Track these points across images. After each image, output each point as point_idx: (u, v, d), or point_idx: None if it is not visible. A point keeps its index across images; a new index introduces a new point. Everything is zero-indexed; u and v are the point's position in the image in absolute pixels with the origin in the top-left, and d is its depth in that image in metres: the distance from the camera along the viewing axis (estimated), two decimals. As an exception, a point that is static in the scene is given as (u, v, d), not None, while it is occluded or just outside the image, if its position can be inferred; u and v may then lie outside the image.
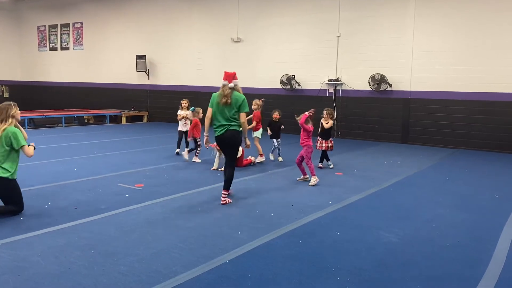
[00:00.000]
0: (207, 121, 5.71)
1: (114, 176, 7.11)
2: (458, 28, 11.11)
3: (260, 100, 8.92)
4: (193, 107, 8.88)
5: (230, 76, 5.59)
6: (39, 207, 5.25)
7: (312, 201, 5.82)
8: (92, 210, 5.18)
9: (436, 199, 6.08)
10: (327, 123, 8.00)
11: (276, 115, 8.65)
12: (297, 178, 7.10)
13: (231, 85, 5.54)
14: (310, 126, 6.87)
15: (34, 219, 4.83)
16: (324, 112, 8.09)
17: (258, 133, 8.67)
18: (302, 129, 6.85)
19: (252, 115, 8.64)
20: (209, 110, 5.63)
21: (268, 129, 8.68)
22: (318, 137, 8.09)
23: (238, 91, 5.58)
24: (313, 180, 6.78)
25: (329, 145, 8.05)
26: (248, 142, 5.87)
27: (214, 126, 5.61)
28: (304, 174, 7.06)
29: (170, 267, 3.63)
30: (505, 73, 10.60)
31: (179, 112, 9.26)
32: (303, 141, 6.88)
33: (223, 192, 5.59)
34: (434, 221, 5.07)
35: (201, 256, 3.87)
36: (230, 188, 5.73)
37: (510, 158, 9.89)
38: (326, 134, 8.05)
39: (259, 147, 8.54)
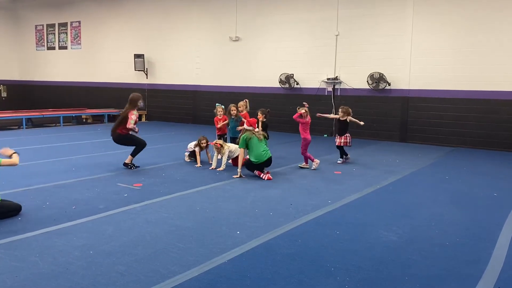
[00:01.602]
0: (241, 160, 7.17)
1: (113, 175, 7.09)
2: (457, 26, 11.10)
3: (244, 101, 8.87)
4: (218, 104, 8.86)
5: (255, 123, 7.42)
6: (37, 207, 5.23)
7: (311, 200, 5.81)
8: (91, 210, 5.16)
9: (435, 198, 6.07)
10: (343, 118, 8.65)
11: (258, 115, 8.14)
12: (299, 165, 8.07)
13: (257, 129, 7.29)
14: (306, 119, 7.92)
15: (32, 219, 4.81)
16: (339, 110, 8.82)
17: None
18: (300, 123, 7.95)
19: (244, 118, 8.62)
20: (241, 150, 7.14)
21: None
22: (336, 134, 8.79)
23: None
24: (314, 164, 7.88)
25: (347, 140, 8.58)
26: None
27: (258, 152, 7.04)
28: (306, 162, 8.02)
29: (169, 267, 3.61)
30: (504, 71, 10.60)
31: (197, 149, 8.15)
32: (301, 134, 7.96)
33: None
34: (433, 220, 5.06)
35: (200, 256, 3.85)
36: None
37: (509, 156, 9.89)
38: (341, 130, 8.63)
39: None
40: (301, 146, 7.98)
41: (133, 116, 7.62)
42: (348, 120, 8.65)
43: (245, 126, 7.34)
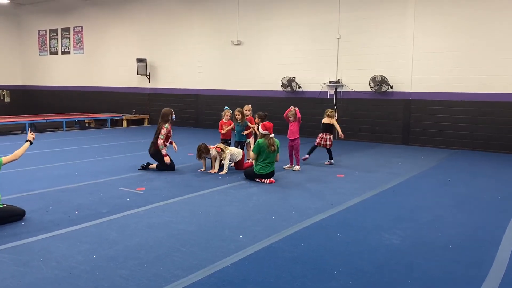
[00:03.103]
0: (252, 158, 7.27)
1: (116, 180, 7.11)
2: (459, 28, 11.10)
3: (249, 105, 8.96)
4: (227, 107, 8.85)
5: (271, 128, 7.17)
6: (41, 212, 5.25)
7: (314, 203, 5.81)
8: (94, 214, 5.18)
9: (438, 200, 6.06)
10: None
11: (256, 120, 8.37)
12: (284, 167, 8.16)
13: (272, 135, 7.13)
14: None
15: (35, 223, 4.83)
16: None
17: (252, 139, 8.69)
18: (296, 123, 8.08)
19: (249, 122, 8.67)
20: (253, 155, 7.12)
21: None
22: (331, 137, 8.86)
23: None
24: (298, 167, 8.07)
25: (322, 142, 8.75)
26: None
27: (263, 165, 7.00)
28: (292, 163, 8.19)
29: (172, 271, 3.62)
30: (505, 73, 10.58)
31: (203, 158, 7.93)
32: (296, 135, 8.05)
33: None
34: (436, 223, 5.05)
35: (203, 260, 3.86)
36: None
37: (511, 159, 9.86)
38: (326, 130, 8.83)
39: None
40: (296, 147, 8.07)
41: (163, 130, 7.82)
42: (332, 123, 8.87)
43: (261, 130, 7.20)
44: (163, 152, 7.78)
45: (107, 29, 18.17)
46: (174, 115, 8.15)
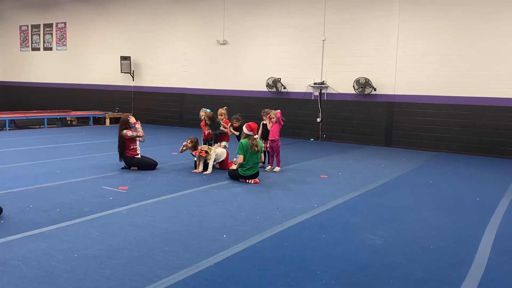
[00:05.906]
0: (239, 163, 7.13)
1: (98, 178, 7.02)
2: (442, 32, 11.27)
3: (224, 109, 8.89)
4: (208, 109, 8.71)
5: (255, 129, 7.26)
6: (21, 210, 5.15)
7: (298, 203, 5.83)
8: (75, 213, 5.11)
9: (420, 202, 6.15)
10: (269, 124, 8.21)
11: (235, 124, 8.47)
12: (265, 169, 8.05)
13: (256, 136, 7.29)
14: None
15: (15, 222, 4.74)
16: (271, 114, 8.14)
17: (226, 142, 8.64)
18: (276, 124, 7.90)
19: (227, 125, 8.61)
20: (241, 157, 7.01)
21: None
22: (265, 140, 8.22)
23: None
24: (278, 168, 8.00)
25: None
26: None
27: (247, 167, 6.98)
28: (272, 164, 8.12)
29: (154, 271, 3.59)
30: (487, 78, 10.78)
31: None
32: (277, 136, 7.92)
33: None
34: (417, 224, 5.12)
35: (186, 259, 3.84)
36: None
37: (491, 162, 10.06)
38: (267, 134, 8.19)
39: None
40: (277, 148, 7.98)
41: (128, 133, 7.72)
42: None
43: (245, 130, 7.20)
44: (141, 139, 7.89)
45: (91, 26, 17.94)
46: (132, 122, 7.87)
